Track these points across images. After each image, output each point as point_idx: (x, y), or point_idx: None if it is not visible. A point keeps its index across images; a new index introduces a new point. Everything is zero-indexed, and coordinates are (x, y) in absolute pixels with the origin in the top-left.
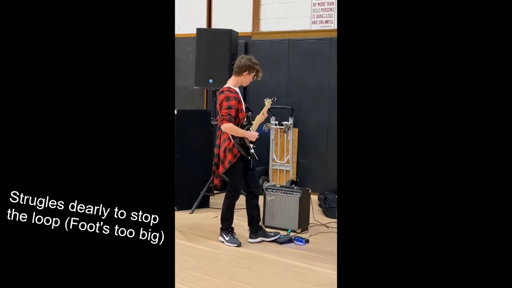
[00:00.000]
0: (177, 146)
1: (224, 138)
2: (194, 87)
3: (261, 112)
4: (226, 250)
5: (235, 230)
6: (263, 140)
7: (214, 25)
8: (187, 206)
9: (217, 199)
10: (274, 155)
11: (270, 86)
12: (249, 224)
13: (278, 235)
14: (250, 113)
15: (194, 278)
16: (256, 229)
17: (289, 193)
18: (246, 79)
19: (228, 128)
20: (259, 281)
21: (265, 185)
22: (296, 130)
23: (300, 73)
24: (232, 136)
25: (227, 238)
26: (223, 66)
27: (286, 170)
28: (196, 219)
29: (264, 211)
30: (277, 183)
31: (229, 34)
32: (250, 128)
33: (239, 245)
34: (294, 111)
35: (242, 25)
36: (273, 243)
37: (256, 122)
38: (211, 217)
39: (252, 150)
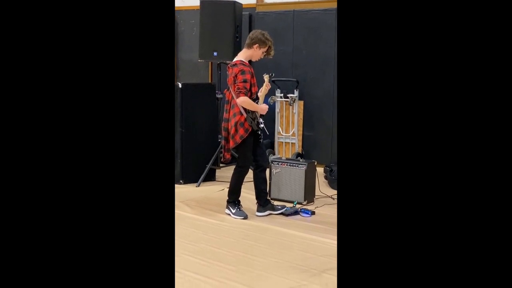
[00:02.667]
0: (182, 119)
1: (234, 112)
2: (199, 60)
3: (264, 85)
4: (232, 222)
5: (242, 203)
6: (269, 113)
7: None
8: (193, 179)
9: (223, 172)
10: (279, 128)
11: (275, 59)
12: (257, 198)
13: (285, 208)
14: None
15: (201, 250)
16: (264, 202)
17: (295, 166)
18: (256, 53)
19: (245, 101)
20: (266, 252)
21: (271, 157)
22: (302, 102)
23: (305, 45)
24: (245, 110)
25: (233, 211)
26: (228, 39)
27: (291, 143)
28: (202, 192)
29: (270, 183)
30: (283, 155)
31: (233, 6)
32: (257, 102)
33: (245, 217)
34: (300, 84)
35: None
36: (279, 215)
37: (262, 96)
38: (217, 190)
39: (262, 125)
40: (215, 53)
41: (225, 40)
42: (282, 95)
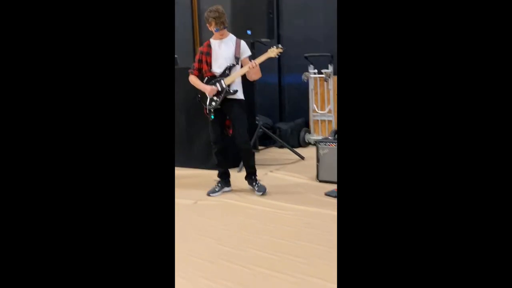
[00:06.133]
0: None
1: None
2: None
3: (250, 62)
4: (287, 209)
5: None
6: (302, 91)
7: None
8: (232, 164)
9: (262, 155)
10: (314, 105)
11: (305, 33)
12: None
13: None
14: (228, 65)
15: (266, 242)
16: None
17: None
18: (214, 32)
19: (190, 80)
20: (333, 241)
21: (310, 137)
22: (336, 77)
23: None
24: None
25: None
26: (261, 16)
27: (328, 120)
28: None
29: (317, 165)
30: (319, 134)
31: None
32: (222, 81)
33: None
34: (334, 58)
35: None
36: (331, 198)
37: (233, 75)
38: (260, 175)
39: (213, 103)
40: (248, 32)
41: (258, 17)
42: (315, 71)
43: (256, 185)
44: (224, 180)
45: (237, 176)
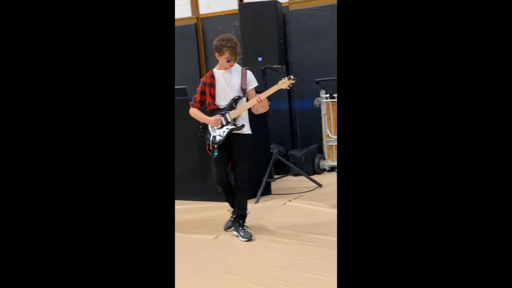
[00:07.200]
0: None
1: None
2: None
3: (257, 96)
4: (314, 241)
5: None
6: (314, 116)
7: None
8: (249, 195)
9: (278, 184)
10: (327, 130)
11: (315, 57)
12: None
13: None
14: (234, 97)
15: (295, 277)
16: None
17: None
18: (221, 62)
19: (191, 113)
20: None
21: (323, 163)
22: None
23: None
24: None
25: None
26: (272, 42)
27: None
28: (265, 210)
29: None
30: (333, 160)
31: (275, 5)
32: (227, 115)
33: (249, 238)
34: None
35: None
36: None
37: (239, 108)
38: (279, 205)
39: (218, 139)
40: (260, 58)
41: (269, 44)
42: (327, 95)
43: (242, 230)
44: None
45: (254, 207)
